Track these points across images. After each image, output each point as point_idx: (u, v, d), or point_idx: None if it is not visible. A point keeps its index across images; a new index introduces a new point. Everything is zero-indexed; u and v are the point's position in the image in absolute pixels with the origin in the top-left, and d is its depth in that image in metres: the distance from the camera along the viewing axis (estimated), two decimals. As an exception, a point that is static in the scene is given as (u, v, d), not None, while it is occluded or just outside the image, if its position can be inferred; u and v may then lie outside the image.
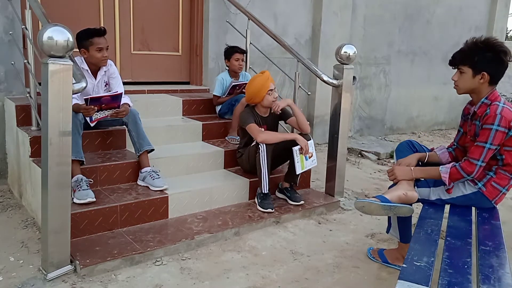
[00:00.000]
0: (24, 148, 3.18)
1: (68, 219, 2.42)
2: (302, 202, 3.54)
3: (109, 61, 3.40)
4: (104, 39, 3.22)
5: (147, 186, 3.19)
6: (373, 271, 2.74)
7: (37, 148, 3.05)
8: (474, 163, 2.29)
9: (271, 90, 3.45)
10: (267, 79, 3.44)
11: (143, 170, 3.23)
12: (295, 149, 3.34)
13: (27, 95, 3.22)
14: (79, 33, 3.20)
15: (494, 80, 2.36)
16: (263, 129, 3.47)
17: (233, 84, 4.09)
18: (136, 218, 2.98)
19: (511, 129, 2.27)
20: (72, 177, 2.92)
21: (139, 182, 3.26)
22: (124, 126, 3.33)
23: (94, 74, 3.34)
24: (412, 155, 2.64)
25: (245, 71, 4.42)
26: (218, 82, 4.17)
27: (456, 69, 2.43)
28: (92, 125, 3.21)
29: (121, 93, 3.16)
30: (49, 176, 2.29)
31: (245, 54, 4.26)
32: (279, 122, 3.75)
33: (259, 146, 3.32)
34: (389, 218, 2.73)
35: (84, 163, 3.01)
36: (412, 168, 2.50)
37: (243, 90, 4.01)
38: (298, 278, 2.61)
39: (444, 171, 2.37)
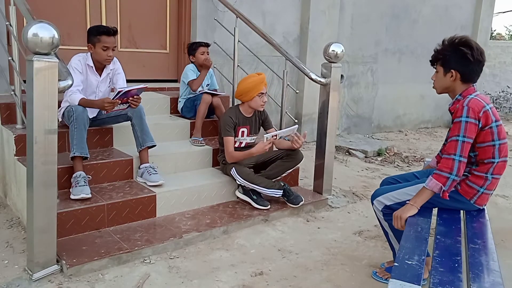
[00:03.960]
0: (9, 147, 3.13)
1: (54, 218, 2.39)
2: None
3: (114, 58, 3.40)
4: (113, 39, 3.22)
5: (144, 182, 3.19)
6: (361, 268, 2.75)
7: (22, 147, 3.00)
8: (450, 158, 2.15)
9: (262, 93, 3.45)
10: (261, 82, 3.43)
11: (141, 166, 3.24)
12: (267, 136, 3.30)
13: (12, 92, 3.17)
14: (90, 28, 3.26)
15: (466, 78, 2.32)
16: (242, 136, 3.53)
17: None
18: (123, 217, 2.95)
19: (481, 120, 2.19)
20: (73, 173, 2.92)
21: (138, 179, 3.26)
22: (129, 122, 3.30)
23: (99, 71, 3.33)
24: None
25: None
26: (188, 70, 4.08)
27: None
28: (104, 115, 3.27)
29: (146, 86, 3.17)
30: (34, 175, 2.25)
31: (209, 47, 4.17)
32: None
33: (231, 173, 3.39)
34: (392, 247, 2.63)
35: (88, 158, 3.00)
36: (408, 202, 2.30)
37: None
38: (287, 275, 2.61)
39: (427, 183, 2.22)
